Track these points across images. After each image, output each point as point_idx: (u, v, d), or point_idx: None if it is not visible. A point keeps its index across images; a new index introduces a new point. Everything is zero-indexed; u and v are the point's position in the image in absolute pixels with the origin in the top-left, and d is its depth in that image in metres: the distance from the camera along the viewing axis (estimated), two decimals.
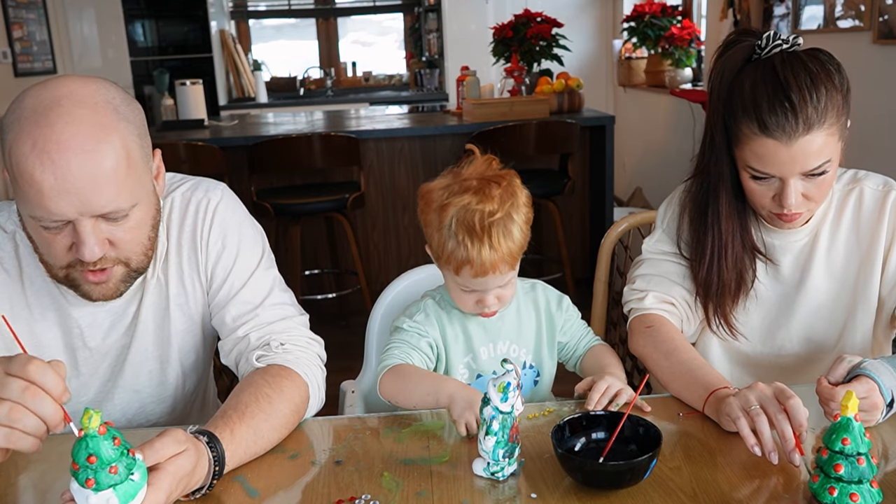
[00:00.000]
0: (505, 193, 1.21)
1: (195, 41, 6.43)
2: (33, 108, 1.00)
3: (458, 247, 1.19)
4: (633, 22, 4.94)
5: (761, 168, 1.20)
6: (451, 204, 1.19)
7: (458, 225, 1.19)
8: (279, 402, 1.12)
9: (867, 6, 3.03)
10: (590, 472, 0.98)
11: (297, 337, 1.24)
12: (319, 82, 7.30)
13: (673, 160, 4.93)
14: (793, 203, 1.21)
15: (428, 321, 1.30)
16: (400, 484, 1.01)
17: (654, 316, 1.36)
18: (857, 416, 0.88)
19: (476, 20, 6.16)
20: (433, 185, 1.25)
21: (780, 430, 1.00)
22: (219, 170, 3.38)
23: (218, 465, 0.98)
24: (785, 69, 1.17)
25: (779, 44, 1.20)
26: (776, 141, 1.16)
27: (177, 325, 1.26)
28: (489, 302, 1.25)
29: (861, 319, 1.35)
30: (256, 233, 1.31)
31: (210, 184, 1.30)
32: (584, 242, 4.20)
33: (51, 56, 6.01)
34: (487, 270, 1.19)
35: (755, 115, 1.17)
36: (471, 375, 1.33)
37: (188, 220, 1.24)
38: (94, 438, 0.80)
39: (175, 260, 1.24)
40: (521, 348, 1.35)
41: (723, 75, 1.24)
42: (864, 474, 0.88)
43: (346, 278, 4.00)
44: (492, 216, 1.18)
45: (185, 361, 1.30)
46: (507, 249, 1.19)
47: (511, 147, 3.58)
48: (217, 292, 1.25)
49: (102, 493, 0.81)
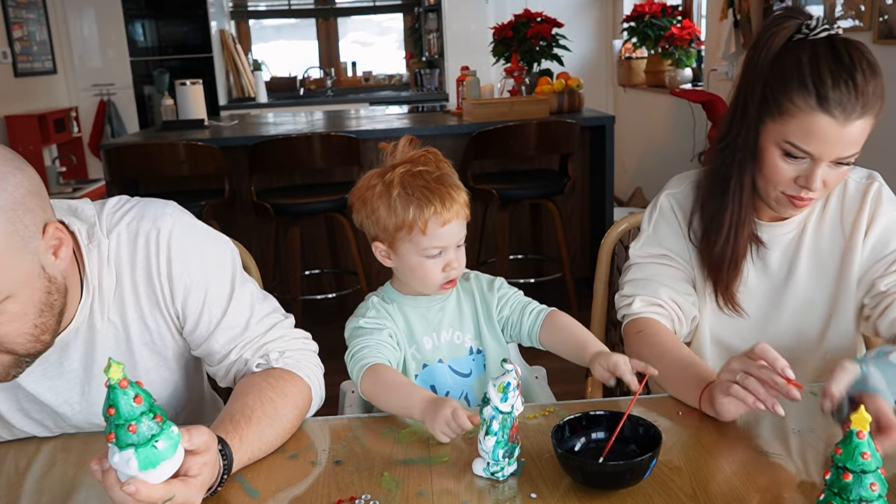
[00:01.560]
0: (435, 158, 1.28)
1: (195, 41, 6.43)
2: None
3: (420, 204, 1.23)
4: (633, 22, 4.95)
5: (804, 145, 1.17)
6: (394, 176, 1.24)
7: (410, 187, 1.24)
8: (283, 408, 1.12)
9: (867, 6, 3.03)
10: (590, 472, 0.98)
11: (292, 340, 1.23)
12: (319, 82, 7.30)
13: (673, 160, 4.94)
14: (818, 186, 1.19)
15: (380, 315, 1.32)
16: (400, 484, 1.01)
17: (643, 320, 1.36)
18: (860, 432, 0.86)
19: (476, 20, 6.17)
20: (362, 182, 1.31)
21: (767, 380, 1.03)
22: (219, 170, 3.38)
23: (226, 471, 0.99)
24: (849, 49, 1.16)
25: (827, 27, 1.19)
26: (831, 118, 1.14)
27: (145, 364, 1.19)
28: (455, 263, 1.28)
29: (843, 310, 1.36)
30: (220, 249, 1.21)
31: (156, 209, 1.17)
32: (584, 242, 4.20)
33: (51, 56, 6.02)
34: (453, 216, 1.24)
35: (815, 88, 1.14)
36: (417, 366, 1.34)
37: (139, 256, 1.13)
38: (114, 390, 0.81)
39: (132, 300, 1.15)
40: (465, 334, 1.37)
41: (769, 47, 1.21)
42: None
43: (346, 278, 4.00)
44: (434, 173, 1.25)
45: (160, 395, 1.23)
46: (462, 197, 1.26)
47: (511, 147, 3.58)
48: (195, 327, 1.18)
49: (124, 453, 0.82)
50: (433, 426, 1.08)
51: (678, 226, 1.40)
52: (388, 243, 1.28)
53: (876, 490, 0.82)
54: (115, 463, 0.83)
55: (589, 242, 4.17)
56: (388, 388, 1.20)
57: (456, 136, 3.84)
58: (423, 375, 1.34)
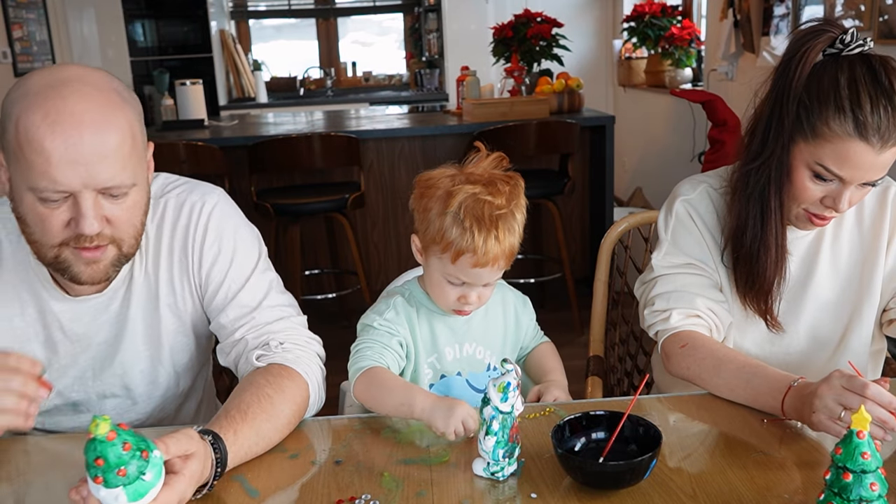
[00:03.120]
0: (512, 192, 1.21)
1: (195, 41, 6.43)
2: (43, 84, 1.03)
3: (463, 234, 1.17)
4: (633, 22, 4.94)
5: (836, 170, 1.15)
6: (461, 191, 1.18)
7: (466, 212, 1.17)
8: (281, 403, 1.12)
9: (867, 6, 3.03)
10: (590, 472, 0.98)
11: (296, 336, 1.24)
12: (319, 82, 7.30)
13: (673, 160, 4.93)
14: (846, 209, 1.19)
15: (398, 319, 1.29)
16: (400, 484, 1.01)
17: (685, 333, 1.31)
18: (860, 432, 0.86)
19: (476, 20, 6.16)
20: (436, 174, 1.23)
21: (876, 418, 0.97)
22: (219, 170, 3.38)
23: (220, 465, 0.99)
24: (888, 71, 1.12)
25: (861, 43, 1.15)
26: (868, 145, 1.12)
27: (167, 326, 1.27)
28: (472, 299, 1.25)
29: (867, 315, 1.35)
30: (253, 236, 1.31)
31: (206, 188, 1.30)
32: (584, 242, 4.20)
33: (51, 56, 6.01)
34: (489, 262, 1.19)
35: (853, 113, 1.11)
36: (435, 375, 1.32)
37: (181, 222, 1.25)
38: (102, 443, 0.81)
39: (166, 261, 1.25)
40: (487, 350, 1.35)
41: (804, 63, 1.17)
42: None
43: (346, 278, 3.99)
44: (500, 209, 1.18)
45: (177, 362, 1.30)
46: (509, 245, 1.20)
47: (511, 147, 3.54)
48: (214, 297, 1.26)
49: (112, 490, 0.82)
50: (447, 423, 1.08)
51: (698, 232, 1.36)
52: (423, 245, 1.26)
53: (876, 490, 0.82)
54: (101, 497, 0.83)
55: (589, 242, 4.16)
56: (385, 387, 1.20)
57: (456, 136, 3.84)
58: (438, 385, 1.32)
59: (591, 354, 1.69)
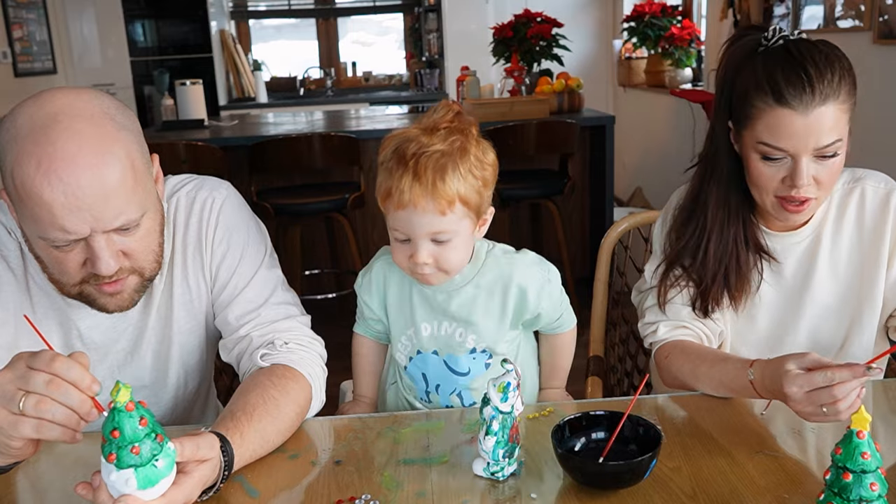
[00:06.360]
0: (456, 138, 1.13)
1: (195, 41, 6.43)
2: (30, 126, 0.97)
3: (386, 176, 1.12)
4: (633, 22, 4.95)
5: (775, 142, 1.19)
6: (396, 136, 1.14)
7: (392, 154, 1.13)
8: (285, 406, 1.12)
9: (867, 6, 3.03)
10: (590, 472, 0.98)
11: (300, 336, 1.24)
12: (319, 82, 7.30)
13: (673, 160, 4.93)
14: (804, 183, 1.20)
15: (368, 288, 1.30)
16: (400, 484, 1.01)
17: (669, 345, 1.34)
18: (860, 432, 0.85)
19: (476, 20, 6.16)
20: (394, 132, 1.17)
21: (847, 388, 1.00)
22: (219, 170, 3.37)
23: (227, 468, 0.99)
24: (799, 48, 1.19)
25: (785, 35, 1.21)
26: (792, 110, 1.16)
27: (180, 325, 1.26)
28: (420, 257, 1.14)
29: (867, 320, 1.35)
30: (260, 232, 1.31)
31: (214, 182, 1.29)
32: (584, 242, 4.20)
33: (51, 56, 6.01)
34: (407, 202, 1.10)
35: (769, 86, 1.17)
36: (412, 349, 1.29)
37: (193, 218, 1.24)
38: (120, 413, 0.81)
39: (180, 259, 1.24)
40: (471, 334, 1.26)
41: (728, 65, 1.25)
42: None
43: (346, 278, 3.99)
44: (427, 148, 1.10)
45: (187, 362, 1.30)
46: (436, 187, 1.09)
47: (511, 147, 3.58)
48: (221, 291, 1.26)
49: (123, 472, 0.82)
50: None
51: None
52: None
53: (876, 490, 0.82)
54: (111, 480, 0.83)
55: (589, 242, 4.17)
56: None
57: None
58: (416, 360, 1.30)
59: (591, 354, 1.69)
